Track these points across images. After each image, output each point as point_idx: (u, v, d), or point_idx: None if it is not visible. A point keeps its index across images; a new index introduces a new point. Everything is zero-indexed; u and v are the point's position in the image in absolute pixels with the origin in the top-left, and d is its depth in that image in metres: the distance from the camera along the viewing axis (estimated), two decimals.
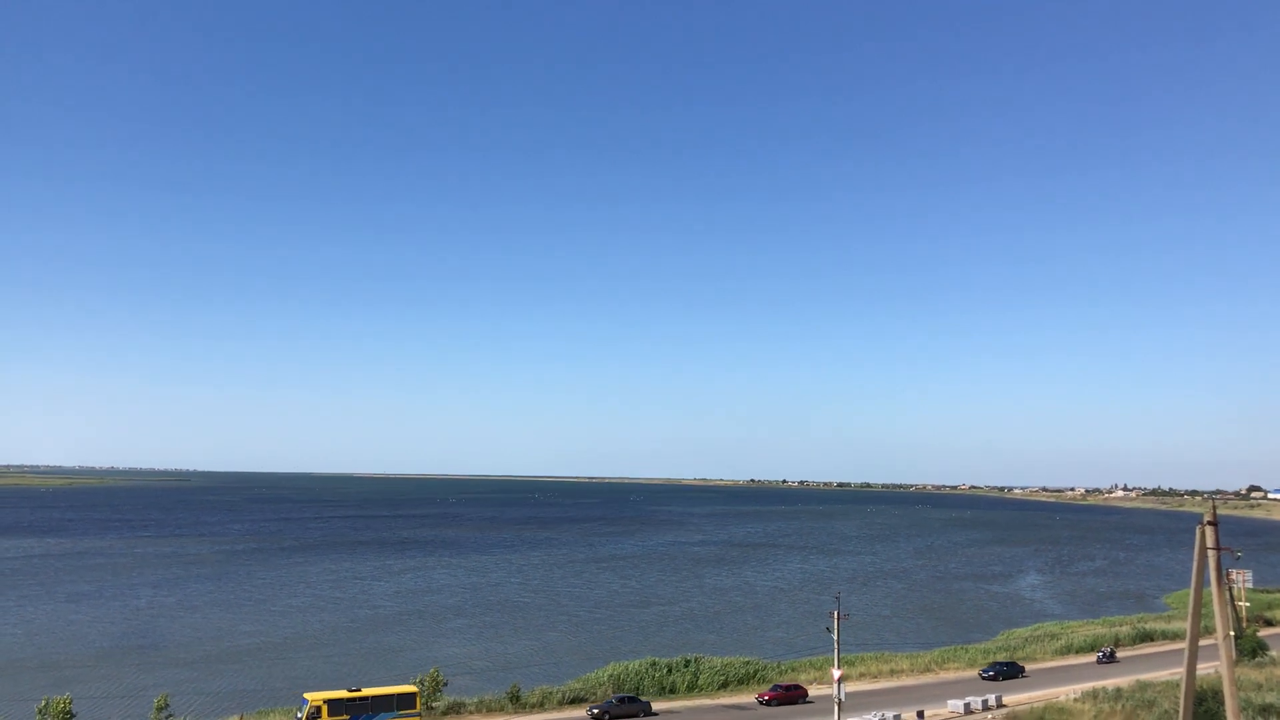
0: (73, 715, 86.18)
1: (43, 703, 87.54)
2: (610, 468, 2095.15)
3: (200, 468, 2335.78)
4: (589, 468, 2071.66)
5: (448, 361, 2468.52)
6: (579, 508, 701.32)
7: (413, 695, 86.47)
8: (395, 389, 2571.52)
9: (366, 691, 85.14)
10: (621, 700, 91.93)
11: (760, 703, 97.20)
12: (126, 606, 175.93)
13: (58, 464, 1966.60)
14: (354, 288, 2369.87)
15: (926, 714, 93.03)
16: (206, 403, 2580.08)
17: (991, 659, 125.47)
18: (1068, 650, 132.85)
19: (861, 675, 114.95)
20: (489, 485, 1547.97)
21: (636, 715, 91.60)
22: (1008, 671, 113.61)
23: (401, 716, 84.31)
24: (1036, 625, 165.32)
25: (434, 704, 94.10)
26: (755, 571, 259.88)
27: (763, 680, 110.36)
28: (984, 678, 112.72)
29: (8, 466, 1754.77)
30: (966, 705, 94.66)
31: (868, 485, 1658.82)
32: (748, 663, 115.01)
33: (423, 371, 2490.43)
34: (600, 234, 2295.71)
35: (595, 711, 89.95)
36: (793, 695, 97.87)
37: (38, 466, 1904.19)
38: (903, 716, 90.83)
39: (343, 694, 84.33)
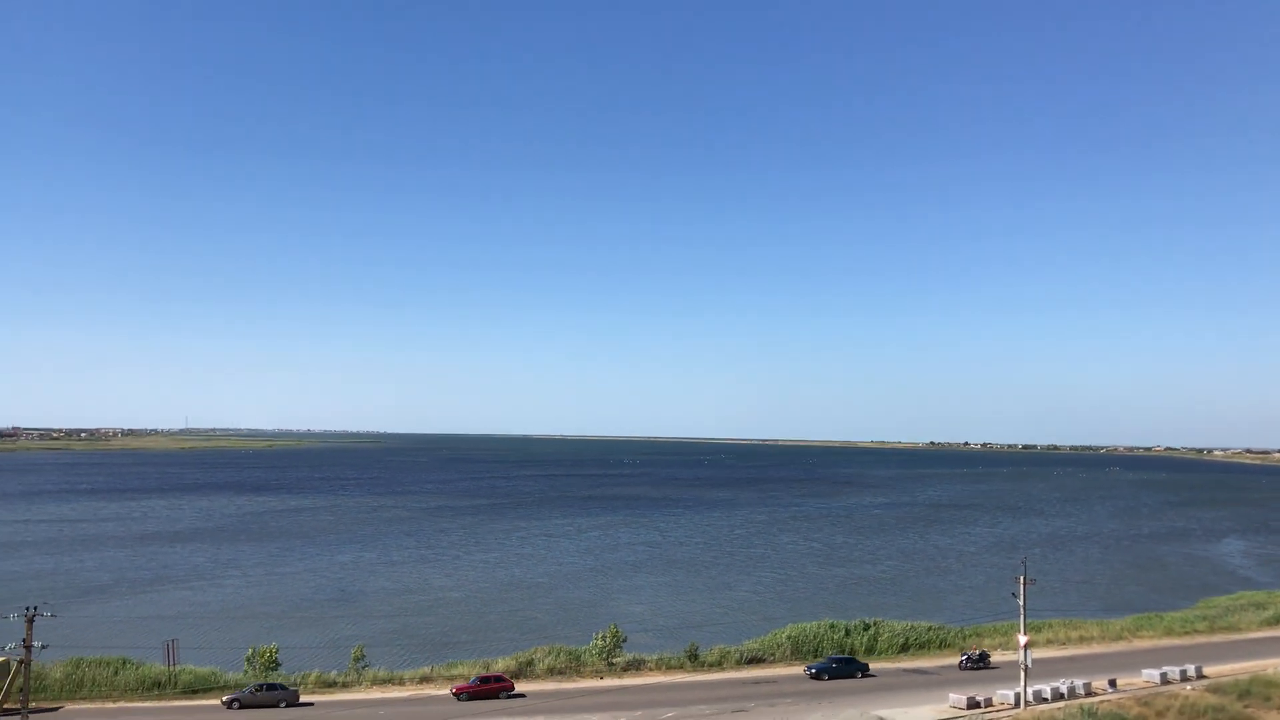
0: (278, 664, 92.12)
1: (250, 651, 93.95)
2: (782, 429, 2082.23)
3: (391, 430, 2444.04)
4: (761, 430, 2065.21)
5: (624, 326, 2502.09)
6: (755, 469, 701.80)
7: None
8: (572, 353, 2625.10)
9: None
10: (260, 688, 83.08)
11: (454, 696, 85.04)
12: (332, 561, 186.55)
13: (258, 427, 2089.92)
14: (525, 257, 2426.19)
15: (1119, 683, 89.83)
16: (396, 368, 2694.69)
17: (1190, 627, 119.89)
18: (1276, 621, 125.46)
19: (1049, 642, 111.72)
20: (662, 447, 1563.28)
21: (278, 704, 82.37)
22: (838, 670, 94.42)
23: None
24: (1239, 594, 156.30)
25: (614, 660, 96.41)
26: (940, 534, 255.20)
27: (945, 645, 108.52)
28: (810, 675, 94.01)
29: (213, 430, 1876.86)
30: (1163, 675, 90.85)
31: (1054, 447, 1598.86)
32: (931, 627, 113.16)
33: (600, 335, 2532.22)
34: (773, 202, 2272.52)
35: (227, 699, 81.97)
36: (492, 689, 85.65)
37: (240, 430, 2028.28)
38: (1093, 685, 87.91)
39: None
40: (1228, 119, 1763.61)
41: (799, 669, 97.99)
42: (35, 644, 61.68)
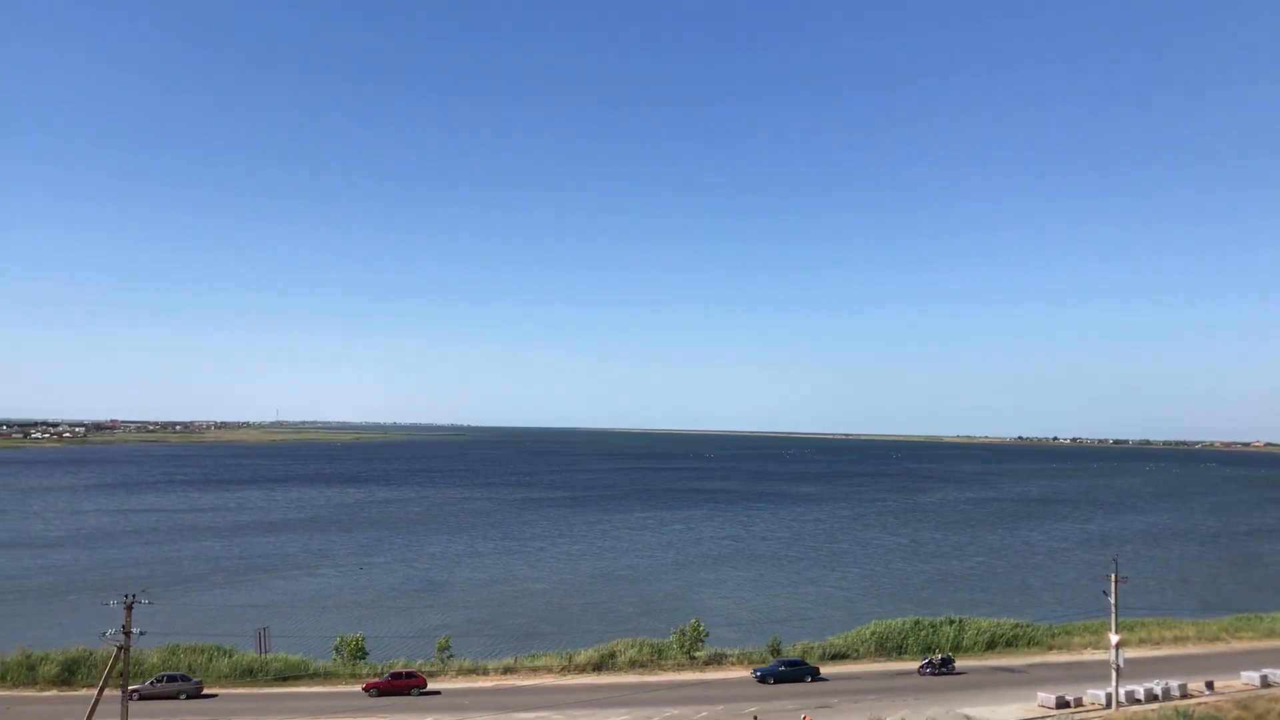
0: (365, 653, 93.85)
1: (337, 640, 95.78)
2: (866, 424, 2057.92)
3: (473, 423, 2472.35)
4: (844, 424, 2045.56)
5: (705, 321, 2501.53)
6: (838, 463, 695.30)
7: None
8: (653, 347, 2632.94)
9: None
10: (161, 679, 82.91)
11: (364, 692, 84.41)
12: (420, 552, 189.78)
13: (346, 420, 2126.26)
14: (605, 253, 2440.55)
15: (1216, 685, 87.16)
16: (477, 361, 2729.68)
17: None
18: None
19: (1142, 641, 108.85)
20: (744, 441, 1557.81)
21: (178, 695, 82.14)
22: (785, 673, 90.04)
23: None
24: None
25: (696, 653, 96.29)
26: (1029, 529, 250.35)
27: (1032, 643, 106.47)
28: (756, 679, 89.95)
29: (303, 423, 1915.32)
30: (1264, 678, 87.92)
31: (1146, 442, 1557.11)
32: (1016, 625, 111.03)
33: (681, 330, 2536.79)
34: (852, 196, 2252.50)
35: (136, 689, 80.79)
36: (403, 685, 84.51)
37: (329, 422, 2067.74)
38: (1189, 687, 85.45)
39: None
40: None
41: (884, 666, 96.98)
42: (134, 630, 63.51)
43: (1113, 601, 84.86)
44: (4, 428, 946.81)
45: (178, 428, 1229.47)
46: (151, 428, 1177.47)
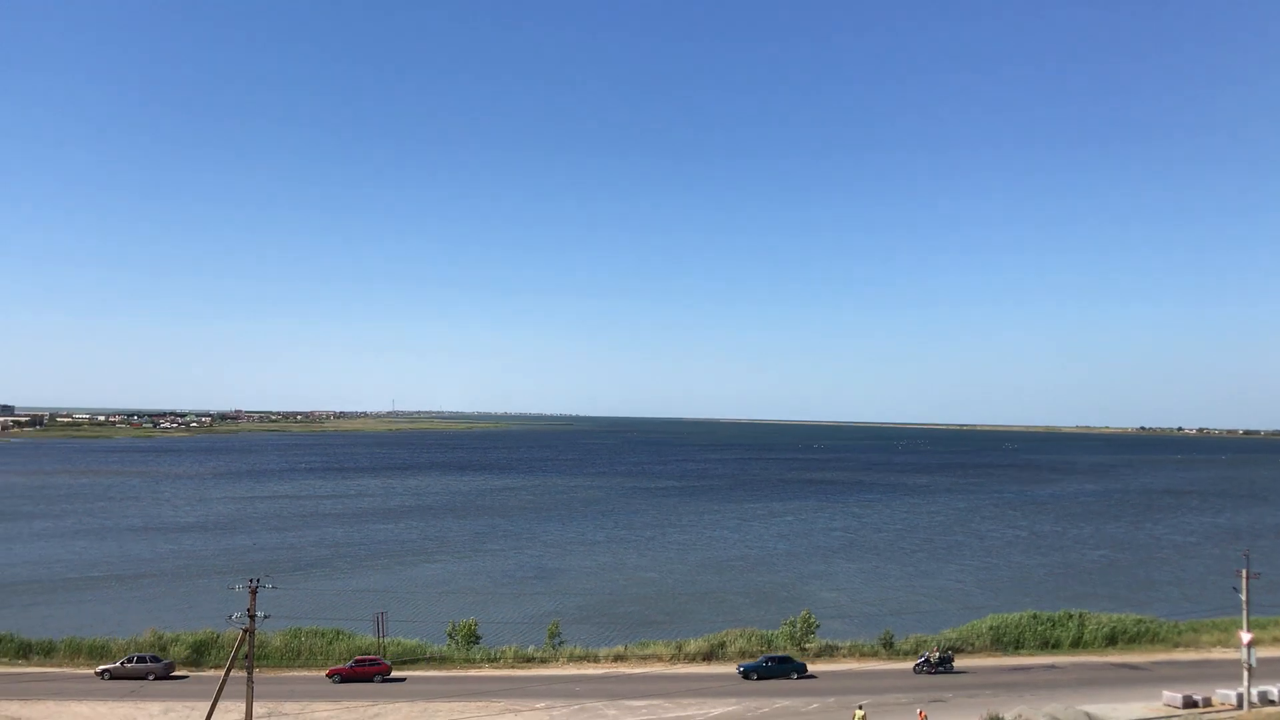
0: (478, 638, 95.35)
1: (450, 625, 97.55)
2: (981, 415, 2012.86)
3: (581, 413, 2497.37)
4: (958, 415, 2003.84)
5: (810, 311, 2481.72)
6: (952, 454, 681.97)
7: None
8: (761, 339, 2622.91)
9: None
10: (132, 660, 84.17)
11: (328, 678, 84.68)
12: (533, 539, 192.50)
13: (459, 409, 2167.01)
14: (711, 245, 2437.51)
15: None
16: (585, 354, 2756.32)
17: None
18: None
19: (1276, 640, 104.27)
20: (851, 432, 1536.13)
21: (147, 676, 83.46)
22: (770, 669, 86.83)
23: None
24: None
25: (806, 645, 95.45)
26: (1154, 522, 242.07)
27: (1156, 640, 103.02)
28: (740, 674, 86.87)
29: (418, 412, 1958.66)
30: None
31: None
32: (1139, 620, 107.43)
33: (794, 323, 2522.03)
34: (962, 180, 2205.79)
35: (99, 670, 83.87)
36: (367, 671, 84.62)
37: (443, 412, 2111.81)
38: None
39: None
40: None
41: (999, 660, 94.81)
42: (258, 614, 65.62)
43: (1244, 598, 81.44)
44: (135, 418, 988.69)
45: (299, 417, 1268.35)
46: (274, 417, 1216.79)
